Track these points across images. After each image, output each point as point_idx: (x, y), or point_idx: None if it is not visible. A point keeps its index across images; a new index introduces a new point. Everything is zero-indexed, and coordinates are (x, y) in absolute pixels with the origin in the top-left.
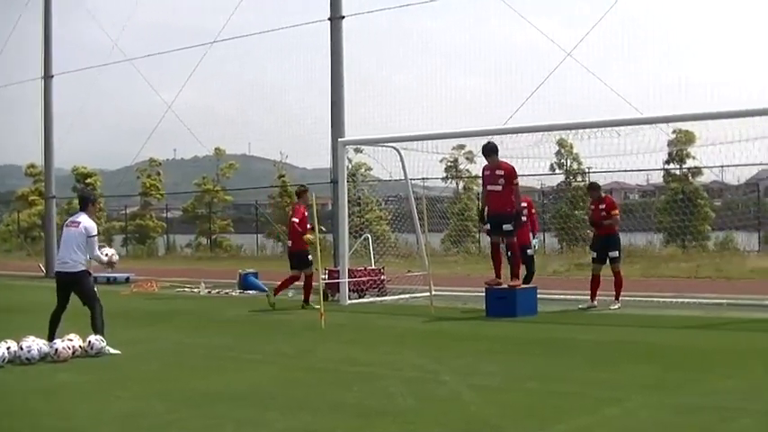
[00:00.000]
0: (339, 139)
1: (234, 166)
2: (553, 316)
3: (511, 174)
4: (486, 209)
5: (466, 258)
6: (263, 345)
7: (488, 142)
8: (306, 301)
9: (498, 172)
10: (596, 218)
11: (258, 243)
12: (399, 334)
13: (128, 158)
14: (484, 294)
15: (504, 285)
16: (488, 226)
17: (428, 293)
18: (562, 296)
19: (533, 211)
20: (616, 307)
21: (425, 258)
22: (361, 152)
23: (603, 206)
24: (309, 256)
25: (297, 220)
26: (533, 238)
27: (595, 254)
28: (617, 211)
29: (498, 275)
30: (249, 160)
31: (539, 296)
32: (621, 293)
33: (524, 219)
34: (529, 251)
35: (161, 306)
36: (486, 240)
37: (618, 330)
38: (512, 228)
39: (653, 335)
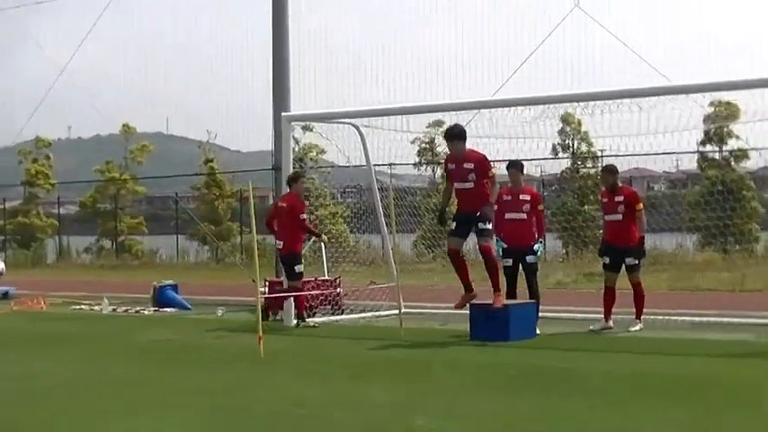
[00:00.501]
0: (283, 114)
1: (147, 149)
2: (556, 339)
3: (483, 165)
4: (455, 207)
5: (444, 266)
6: (183, 379)
7: (453, 126)
8: (301, 317)
9: (467, 165)
10: (607, 210)
11: (179, 247)
12: (360, 364)
13: (7, 137)
14: (468, 312)
15: (488, 301)
16: (453, 224)
17: (397, 311)
18: (568, 314)
19: (540, 207)
20: (636, 328)
21: (393, 266)
22: (312, 131)
23: (621, 198)
24: (300, 266)
25: (305, 217)
26: (537, 242)
27: (608, 259)
28: (641, 206)
29: (469, 286)
30: (167, 141)
31: (539, 314)
32: (644, 311)
33: (524, 216)
34: (529, 258)
35: (51, 329)
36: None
37: (638, 359)
38: (489, 227)
39: (684, 365)
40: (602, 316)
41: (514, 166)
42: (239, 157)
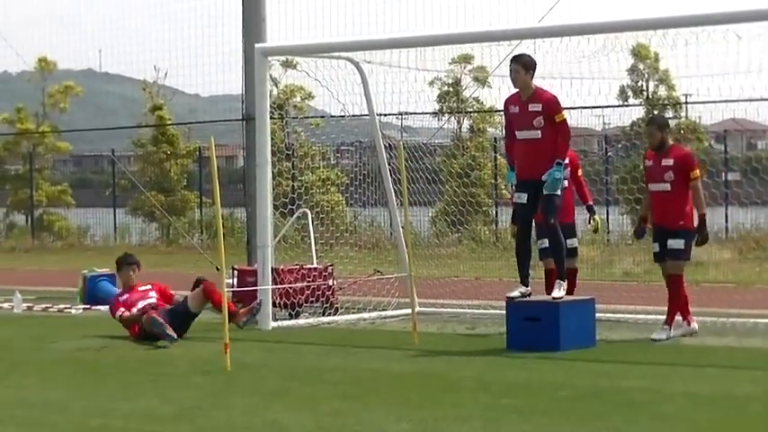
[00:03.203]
0: (256, 46)
1: (73, 91)
2: (624, 349)
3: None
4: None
5: (473, 250)
6: (120, 402)
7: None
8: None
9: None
10: (648, 178)
11: (116, 224)
12: (358, 381)
13: None
14: (504, 312)
15: (546, 297)
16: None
17: (409, 311)
18: (639, 315)
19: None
20: (663, 336)
21: (404, 251)
22: (295, 68)
23: (670, 162)
24: None
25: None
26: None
27: (657, 247)
28: (697, 173)
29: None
30: (99, 81)
31: (597, 315)
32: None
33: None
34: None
35: None
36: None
37: (732, 377)
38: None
39: None
40: (680, 317)
41: (522, 65)
42: (198, 102)
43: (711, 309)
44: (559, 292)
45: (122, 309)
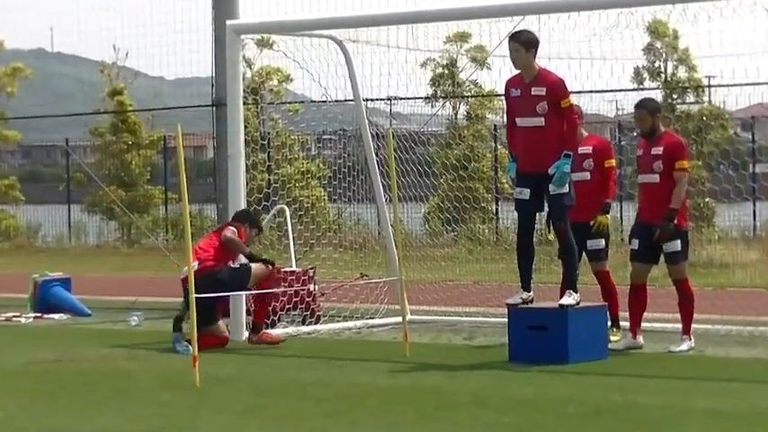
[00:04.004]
0: (228, 23)
1: (21, 73)
2: (639, 361)
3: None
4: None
5: (471, 250)
6: (76, 421)
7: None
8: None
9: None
10: (642, 168)
11: (71, 222)
12: (342, 396)
13: None
14: (506, 320)
15: (552, 304)
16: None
17: (399, 319)
18: (657, 323)
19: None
20: (684, 347)
21: (393, 252)
22: (272, 48)
23: (659, 150)
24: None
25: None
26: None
27: (637, 243)
28: (685, 164)
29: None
30: (52, 62)
31: (610, 323)
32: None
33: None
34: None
35: None
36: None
37: (755, 391)
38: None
39: None
40: (629, 328)
41: (522, 43)
42: (163, 86)
43: (737, 316)
44: (569, 299)
45: None
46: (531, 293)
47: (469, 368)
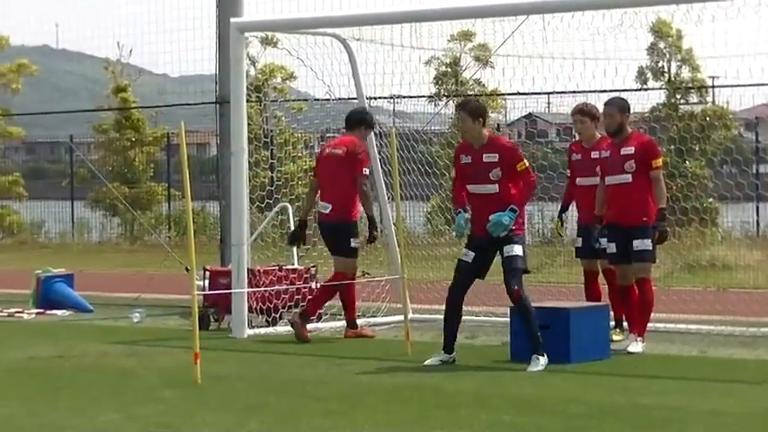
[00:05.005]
0: (232, 21)
1: (26, 69)
2: (642, 362)
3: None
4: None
5: None
6: (76, 419)
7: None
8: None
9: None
10: (604, 170)
11: (74, 219)
12: (344, 394)
13: None
14: (508, 320)
15: (554, 303)
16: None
17: (401, 318)
18: (660, 323)
19: (656, 162)
20: (639, 349)
21: (396, 250)
22: (275, 46)
23: (630, 150)
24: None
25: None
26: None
27: (609, 243)
28: (660, 162)
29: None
30: (56, 59)
31: (613, 324)
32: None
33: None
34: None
35: None
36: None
37: (765, 391)
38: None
39: None
40: (628, 328)
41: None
42: (166, 83)
43: (740, 317)
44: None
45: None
46: (455, 354)
47: (471, 367)
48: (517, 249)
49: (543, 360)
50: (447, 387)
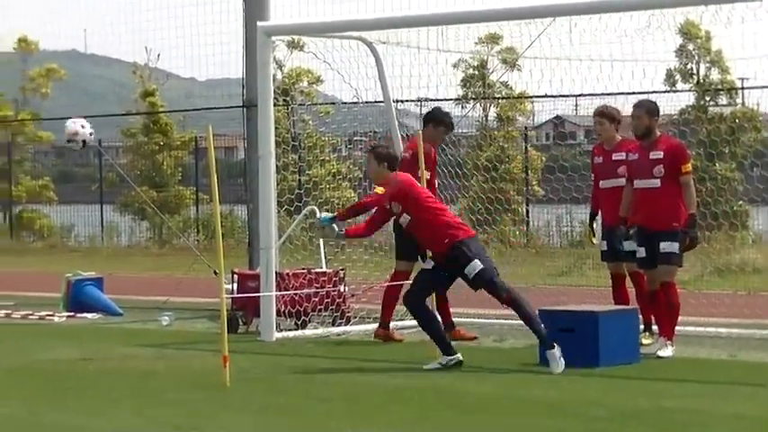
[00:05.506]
0: (259, 24)
1: (56, 74)
2: (671, 366)
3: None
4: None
5: (502, 252)
6: (104, 422)
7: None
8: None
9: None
10: (631, 173)
11: (104, 223)
12: (373, 400)
13: None
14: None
15: (582, 306)
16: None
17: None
18: (689, 327)
19: (686, 167)
20: (668, 353)
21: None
22: (302, 50)
23: (659, 155)
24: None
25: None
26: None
27: (639, 246)
28: (689, 167)
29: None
30: (85, 63)
31: (642, 327)
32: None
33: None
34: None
35: None
36: (541, 218)
37: None
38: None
39: None
40: (659, 332)
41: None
42: (194, 87)
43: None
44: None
45: None
46: (459, 354)
47: (499, 370)
48: (476, 266)
49: (557, 351)
50: (476, 391)
